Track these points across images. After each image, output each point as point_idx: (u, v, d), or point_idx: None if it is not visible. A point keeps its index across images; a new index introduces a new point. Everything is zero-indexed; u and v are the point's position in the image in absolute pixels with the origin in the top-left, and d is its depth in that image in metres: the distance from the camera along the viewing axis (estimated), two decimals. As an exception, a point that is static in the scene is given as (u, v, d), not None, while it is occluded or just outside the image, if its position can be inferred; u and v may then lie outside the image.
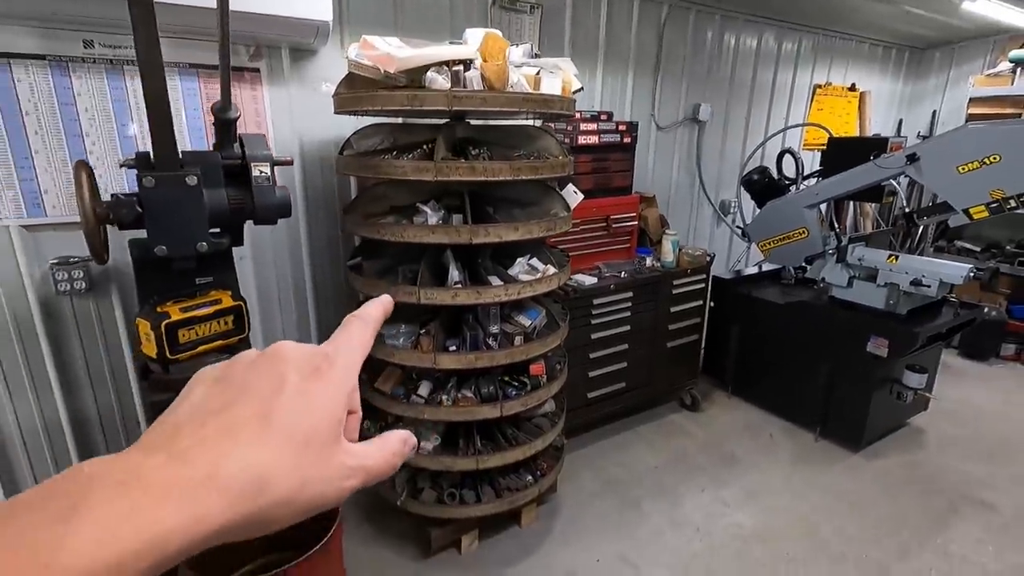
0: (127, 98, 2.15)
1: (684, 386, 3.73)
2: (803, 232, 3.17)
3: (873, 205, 5.23)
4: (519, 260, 2.35)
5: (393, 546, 2.52)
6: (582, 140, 3.05)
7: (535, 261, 2.36)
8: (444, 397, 2.28)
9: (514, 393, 2.33)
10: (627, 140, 3.27)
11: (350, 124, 2.53)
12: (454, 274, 2.16)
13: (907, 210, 3.06)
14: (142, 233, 1.58)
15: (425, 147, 2.23)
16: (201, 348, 1.73)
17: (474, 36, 2.00)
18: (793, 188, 3.33)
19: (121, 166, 1.63)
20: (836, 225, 3.35)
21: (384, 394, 2.31)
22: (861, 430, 3.18)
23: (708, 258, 3.53)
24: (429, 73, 1.85)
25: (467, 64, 1.92)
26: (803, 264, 3.36)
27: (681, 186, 4.22)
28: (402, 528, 2.57)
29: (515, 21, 2.97)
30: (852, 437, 3.27)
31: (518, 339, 2.29)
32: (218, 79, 2.25)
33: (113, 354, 2.39)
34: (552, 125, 2.90)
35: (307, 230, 2.71)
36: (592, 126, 3.09)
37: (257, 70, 2.38)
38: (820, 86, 4.82)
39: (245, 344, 1.86)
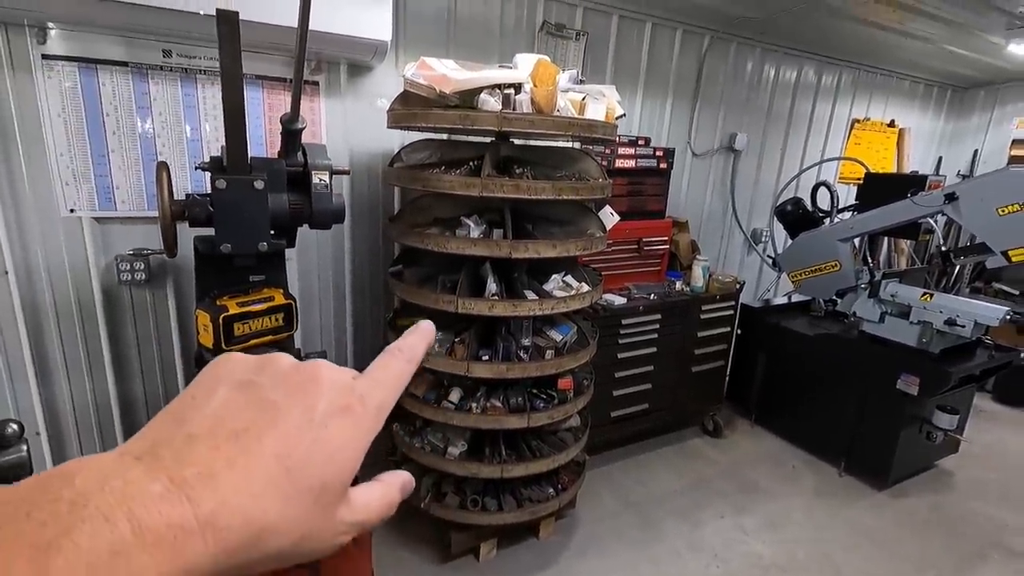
0: (196, 104, 2.31)
1: (707, 411, 3.73)
2: (835, 265, 3.18)
3: (909, 242, 5.17)
4: (554, 276, 2.42)
5: (413, 548, 2.57)
6: (619, 163, 3.13)
7: (569, 278, 2.43)
8: (474, 405, 2.34)
9: (541, 405, 2.39)
10: (663, 165, 3.33)
11: (397, 138, 2.66)
12: (491, 286, 2.23)
13: (944, 248, 3.05)
14: (209, 231, 1.70)
15: (471, 164, 2.32)
16: (253, 342, 1.83)
17: (525, 61, 2.10)
18: (827, 221, 3.34)
19: (196, 168, 1.76)
20: (870, 260, 3.35)
21: (416, 398, 2.39)
22: (888, 468, 3.14)
23: (738, 285, 3.55)
24: (482, 95, 1.96)
25: (517, 88, 2.01)
26: (834, 297, 3.36)
27: (714, 213, 4.25)
28: (423, 531, 2.63)
29: (561, 46, 3.07)
30: (878, 474, 3.23)
31: (549, 353, 2.35)
32: (279, 90, 2.40)
33: (163, 343, 2.52)
34: (591, 148, 2.98)
35: (351, 236, 2.82)
36: (630, 150, 3.17)
37: (317, 83, 2.52)
38: (858, 120, 4.83)
39: (291, 341, 1.96)
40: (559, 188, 2.11)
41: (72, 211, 2.21)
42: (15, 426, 1.02)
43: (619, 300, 3.09)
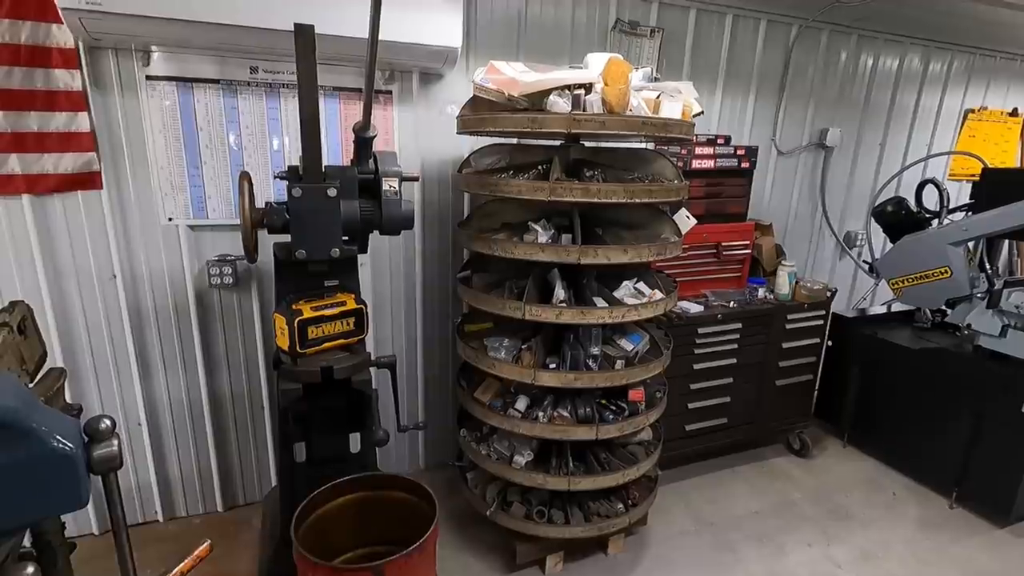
0: (280, 117, 2.42)
1: (793, 428, 3.46)
2: (945, 271, 2.85)
3: (1034, 245, 4.58)
4: (625, 283, 2.32)
5: (480, 556, 2.56)
6: (696, 164, 2.97)
7: (641, 285, 2.33)
8: (540, 414, 2.29)
9: (611, 417, 2.30)
10: (745, 165, 3.13)
11: (468, 144, 2.66)
12: (559, 293, 2.18)
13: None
14: (286, 237, 1.77)
15: (540, 167, 2.28)
16: (326, 344, 1.88)
17: (596, 61, 2.04)
18: (935, 222, 3.01)
19: (275, 177, 1.84)
20: (988, 266, 2.97)
21: (482, 404, 2.37)
22: (1011, 501, 2.76)
23: (828, 293, 3.27)
24: (551, 96, 1.91)
25: (588, 88, 1.95)
26: (943, 307, 3.01)
27: (801, 215, 3.96)
28: (489, 540, 2.60)
29: (634, 45, 2.97)
30: (998, 508, 2.85)
31: (619, 363, 2.26)
32: (355, 101, 2.47)
33: (248, 344, 2.66)
34: (666, 148, 2.86)
35: (422, 242, 2.86)
36: (708, 150, 3.01)
37: (390, 92, 2.58)
38: (973, 110, 4.33)
39: (362, 345, 2.00)
40: (631, 191, 2.02)
41: (170, 219, 2.38)
42: (108, 421, 1.09)
43: (695, 308, 2.93)
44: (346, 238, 1.83)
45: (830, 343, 3.52)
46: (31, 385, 1.48)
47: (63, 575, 1.53)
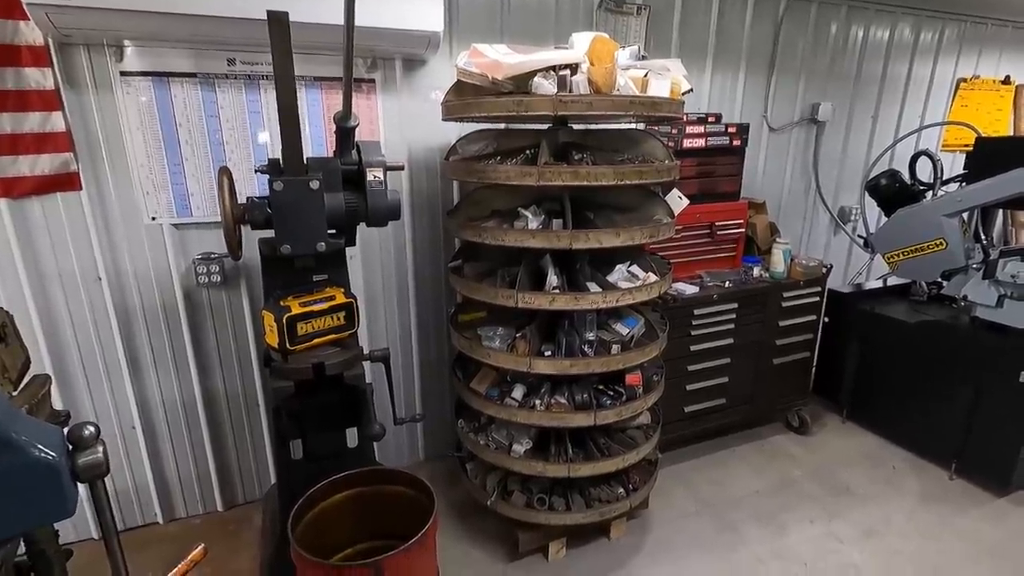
0: (261, 110, 2.37)
1: (791, 406, 3.46)
2: (940, 243, 2.83)
3: (1029, 214, 4.56)
4: (618, 267, 2.29)
5: (482, 546, 2.55)
6: (688, 143, 2.93)
7: (635, 268, 2.30)
8: (537, 402, 2.27)
9: (608, 402, 2.28)
10: (736, 143, 3.09)
11: (455, 131, 2.61)
12: (552, 279, 2.15)
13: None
14: (270, 233, 1.73)
15: (528, 152, 2.24)
16: (316, 341, 1.85)
17: (581, 40, 1.99)
18: (929, 194, 2.98)
19: (256, 171, 1.79)
20: (983, 236, 2.95)
21: (479, 394, 2.35)
22: (1010, 471, 2.77)
23: (824, 269, 3.25)
24: (536, 78, 1.86)
25: (574, 68, 1.91)
26: (939, 280, 3.00)
27: (795, 191, 3.93)
28: (491, 529, 2.60)
29: (621, 23, 2.91)
30: (998, 478, 2.86)
31: (615, 347, 2.24)
32: (337, 90, 2.42)
33: (240, 341, 2.63)
34: (657, 128, 2.81)
35: (412, 232, 2.82)
36: (699, 128, 2.96)
37: (373, 81, 2.53)
38: (965, 80, 4.29)
39: (354, 339, 1.97)
40: (621, 173, 1.98)
41: (154, 219, 2.33)
42: (92, 428, 1.06)
43: (691, 289, 2.91)
44: (332, 231, 1.79)
45: (827, 320, 3.51)
46: (14, 394, 1.45)
47: (59, 583, 1.51)
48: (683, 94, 2.12)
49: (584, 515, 2.35)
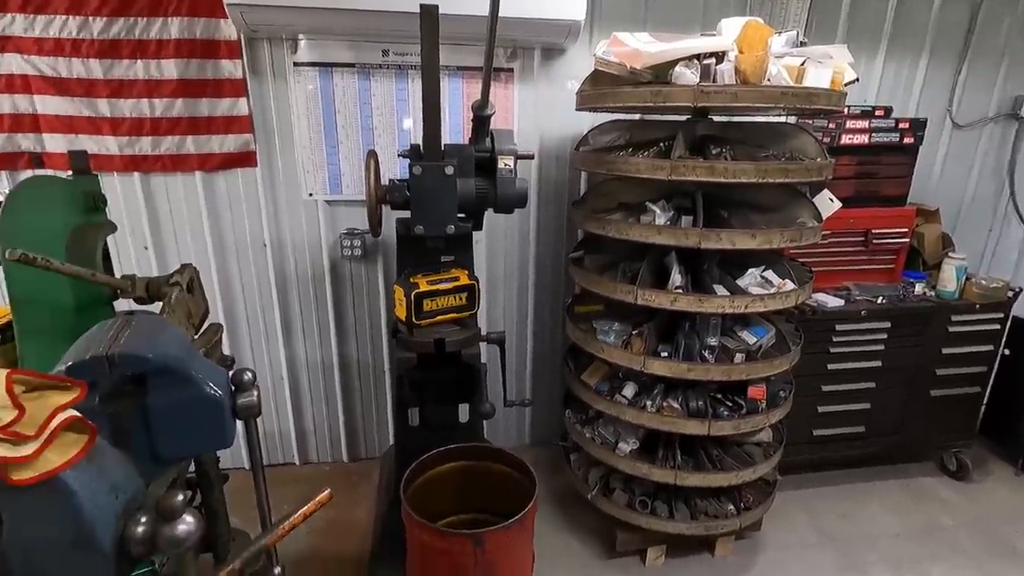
0: (408, 98, 2.53)
1: (950, 446, 3.00)
2: None
3: None
4: (751, 271, 2.14)
5: (580, 538, 2.56)
6: (846, 139, 2.63)
7: (770, 273, 2.13)
8: (648, 402, 2.21)
9: (726, 413, 2.15)
10: (908, 140, 2.72)
11: (588, 121, 2.59)
12: (676, 278, 2.06)
13: None
14: (407, 213, 1.85)
15: (662, 144, 2.16)
16: (439, 318, 1.96)
17: (731, 26, 1.86)
18: None
19: (399, 155, 1.92)
20: None
21: (589, 387, 2.34)
22: None
23: (1010, 293, 2.76)
24: (677, 68, 1.79)
25: (720, 56, 1.80)
26: None
27: (980, 199, 3.36)
28: (590, 523, 2.59)
29: (778, 7, 2.67)
30: None
31: (738, 356, 2.10)
32: (478, 79, 2.50)
33: (372, 313, 2.87)
34: (811, 122, 2.56)
35: (536, 221, 2.86)
36: (862, 123, 2.64)
37: (511, 70, 2.58)
38: None
39: (473, 320, 2.06)
40: (763, 170, 1.84)
41: (311, 195, 2.61)
42: (249, 374, 1.22)
43: (834, 302, 2.63)
44: (462, 215, 1.87)
45: (1007, 352, 2.98)
46: (195, 337, 1.72)
47: (217, 500, 1.78)
48: (846, 84, 1.91)
49: (688, 526, 2.25)
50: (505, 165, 1.83)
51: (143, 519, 0.87)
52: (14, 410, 0.77)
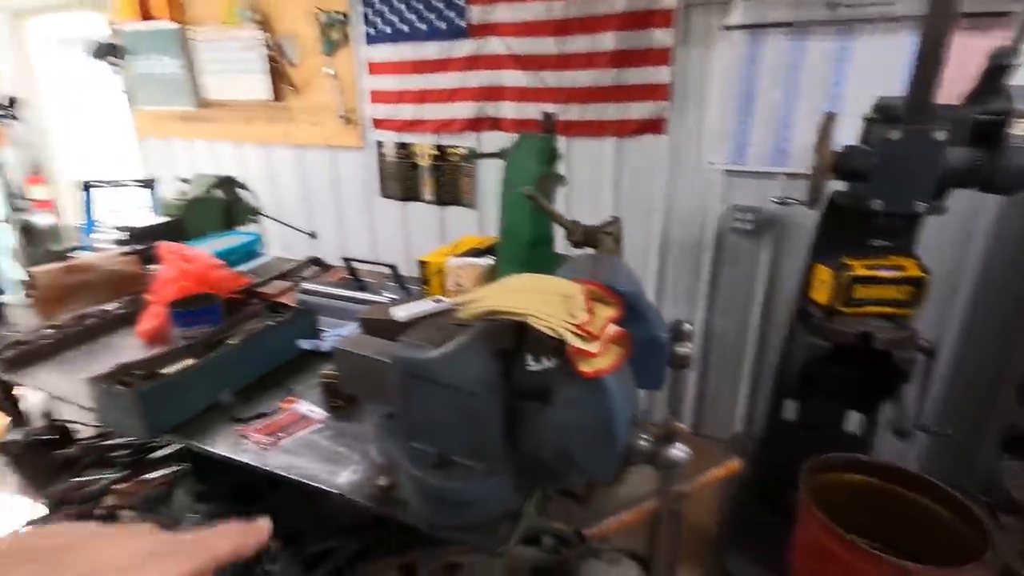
0: (850, 58, 2.21)
1: None
2: None
3: None
4: None
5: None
6: None
7: None
8: None
9: None
10: None
11: None
12: None
13: None
14: (839, 185, 1.63)
15: None
16: (870, 308, 1.71)
17: None
18: None
19: (864, 119, 1.68)
20: None
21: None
22: None
23: None
24: None
25: None
26: None
27: None
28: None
29: None
30: None
31: None
32: (981, 29, 1.97)
33: (748, 290, 2.71)
34: None
35: (995, 211, 2.22)
36: None
37: (1007, 14, 2.00)
38: None
39: (909, 320, 1.73)
40: None
41: (711, 164, 2.58)
42: (689, 326, 1.24)
43: None
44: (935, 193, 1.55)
45: None
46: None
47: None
48: None
49: None
50: (1020, 132, 1.42)
51: (644, 435, 0.97)
52: (587, 314, 0.93)
